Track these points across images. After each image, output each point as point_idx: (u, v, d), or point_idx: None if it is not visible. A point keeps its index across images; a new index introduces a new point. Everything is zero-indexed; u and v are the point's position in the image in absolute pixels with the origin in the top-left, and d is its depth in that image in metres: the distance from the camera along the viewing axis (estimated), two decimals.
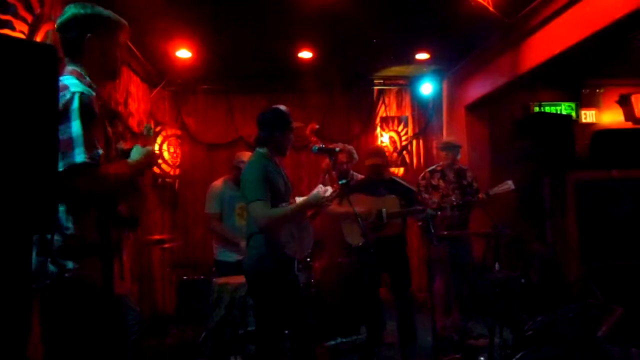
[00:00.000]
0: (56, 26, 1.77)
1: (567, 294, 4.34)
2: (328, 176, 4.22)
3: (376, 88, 6.49)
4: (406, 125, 6.45)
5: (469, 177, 4.67)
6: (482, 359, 3.47)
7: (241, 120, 6.13)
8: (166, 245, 4.68)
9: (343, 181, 2.91)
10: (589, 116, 6.33)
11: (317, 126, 3.77)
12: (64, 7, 1.78)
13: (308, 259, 4.33)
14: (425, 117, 6.52)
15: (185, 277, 4.65)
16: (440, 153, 4.85)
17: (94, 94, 1.66)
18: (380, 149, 4.46)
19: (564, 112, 6.22)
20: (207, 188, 4.35)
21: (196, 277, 4.63)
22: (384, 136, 6.43)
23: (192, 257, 5.83)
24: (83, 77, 1.72)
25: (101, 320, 1.64)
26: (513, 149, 5.54)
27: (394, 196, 3.82)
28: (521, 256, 4.88)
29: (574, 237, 4.74)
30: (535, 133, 5.31)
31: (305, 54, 5.20)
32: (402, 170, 6.38)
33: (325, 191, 2.67)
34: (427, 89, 6.24)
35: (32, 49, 1.22)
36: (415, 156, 6.51)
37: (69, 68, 1.74)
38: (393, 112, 6.52)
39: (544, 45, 4.23)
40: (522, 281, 3.36)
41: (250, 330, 3.35)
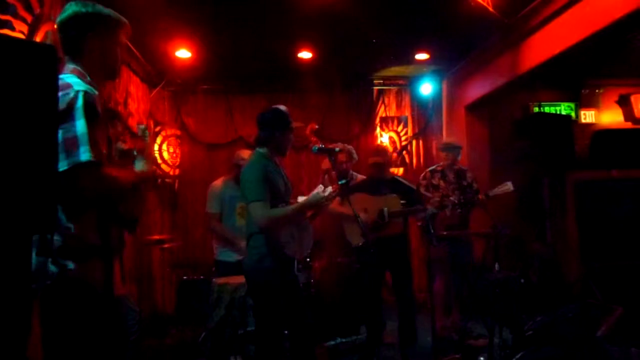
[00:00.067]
0: (56, 24, 1.76)
1: (567, 294, 4.34)
2: (328, 176, 4.21)
3: (376, 88, 6.48)
4: (406, 126, 6.45)
5: (469, 178, 4.67)
6: (482, 359, 3.47)
7: (241, 121, 6.13)
8: (166, 246, 4.68)
9: (343, 181, 2.90)
10: (588, 116, 6.33)
11: (316, 126, 3.77)
12: (63, 7, 1.77)
13: (308, 259, 4.33)
14: (424, 117, 6.51)
15: (185, 277, 4.66)
16: (441, 154, 4.85)
17: (96, 92, 1.66)
18: (382, 148, 4.48)
19: (563, 112, 6.23)
20: (207, 188, 4.36)
21: (196, 277, 4.64)
22: (383, 136, 6.42)
23: (191, 257, 5.83)
24: (84, 75, 1.70)
25: (101, 321, 1.64)
26: (513, 149, 5.54)
27: (395, 195, 3.81)
28: (521, 256, 4.88)
29: (574, 237, 4.74)
30: (535, 133, 5.31)
31: (305, 54, 5.20)
32: (401, 170, 6.37)
33: (325, 191, 2.68)
34: (426, 89, 6.24)
35: (32, 49, 1.22)
36: (415, 156, 6.50)
37: (69, 67, 1.72)
38: (393, 112, 6.51)
39: (543, 46, 4.23)
40: (522, 281, 3.36)
41: (250, 330, 3.34)
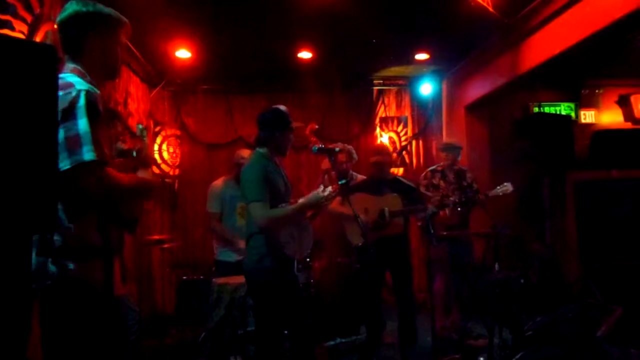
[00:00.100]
0: (57, 23, 1.75)
1: (567, 294, 4.35)
2: (328, 176, 4.22)
3: (376, 88, 6.48)
4: (406, 126, 6.44)
5: (469, 178, 4.67)
6: (482, 359, 3.48)
7: (241, 121, 6.13)
8: (166, 246, 4.68)
9: (342, 181, 2.90)
10: (588, 116, 6.33)
11: (316, 126, 3.77)
12: (63, 7, 1.75)
13: (308, 259, 4.33)
14: (424, 118, 6.51)
15: (184, 277, 4.65)
16: (441, 154, 4.85)
17: (98, 92, 1.65)
18: (384, 148, 4.51)
19: (563, 113, 6.23)
20: (206, 188, 4.36)
21: (196, 277, 4.63)
22: (383, 136, 6.41)
23: (191, 257, 5.83)
24: (84, 75, 1.69)
25: (101, 321, 1.64)
26: (513, 149, 5.55)
27: (396, 195, 3.82)
28: (521, 256, 4.88)
29: (574, 237, 4.75)
30: (535, 133, 5.32)
31: (305, 54, 5.20)
32: (401, 170, 6.36)
33: (324, 191, 2.68)
34: (426, 89, 6.24)
35: (32, 49, 1.21)
36: (414, 156, 6.49)
37: (69, 66, 1.71)
38: (392, 112, 6.51)
39: (543, 46, 4.23)
40: (522, 281, 3.36)
41: (250, 330, 3.34)
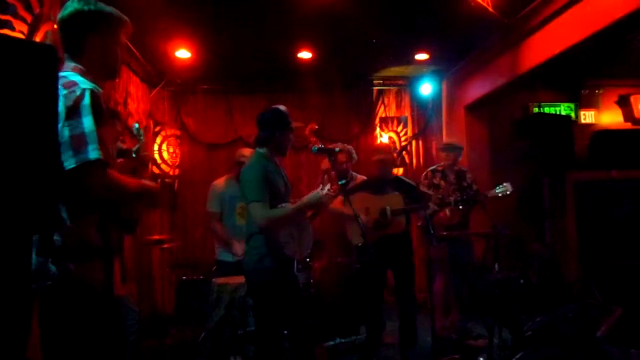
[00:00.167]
0: (57, 22, 1.74)
1: (567, 294, 4.35)
2: (327, 176, 4.22)
3: (375, 88, 6.48)
4: (405, 126, 6.44)
5: (469, 179, 4.68)
6: (482, 359, 3.48)
7: (241, 121, 6.13)
8: (165, 246, 4.68)
9: (342, 181, 2.91)
10: (588, 117, 6.34)
11: (316, 126, 3.77)
12: (63, 6, 1.74)
13: (308, 259, 4.33)
14: (424, 118, 6.50)
15: (184, 278, 4.65)
16: (441, 154, 4.85)
17: (101, 91, 1.64)
18: (387, 147, 4.54)
19: (563, 113, 6.23)
20: (206, 188, 4.36)
21: (195, 277, 4.64)
22: (383, 136, 6.41)
23: (191, 258, 5.83)
24: (86, 74, 1.68)
25: (101, 322, 1.64)
26: (512, 149, 5.55)
27: (397, 193, 3.82)
28: (521, 256, 4.88)
29: (573, 238, 4.75)
30: (535, 133, 5.33)
31: (305, 54, 5.20)
32: (401, 170, 6.35)
33: (324, 191, 2.68)
34: (426, 89, 6.24)
35: (32, 49, 1.21)
36: (414, 156, 6.49)
37: (70, 65, 1.70)
38: (392, 112, 6.51)
39: (543, 46, 4.23)
40: (522, 281, 3.37)
41: (250, 330, 3.35)
